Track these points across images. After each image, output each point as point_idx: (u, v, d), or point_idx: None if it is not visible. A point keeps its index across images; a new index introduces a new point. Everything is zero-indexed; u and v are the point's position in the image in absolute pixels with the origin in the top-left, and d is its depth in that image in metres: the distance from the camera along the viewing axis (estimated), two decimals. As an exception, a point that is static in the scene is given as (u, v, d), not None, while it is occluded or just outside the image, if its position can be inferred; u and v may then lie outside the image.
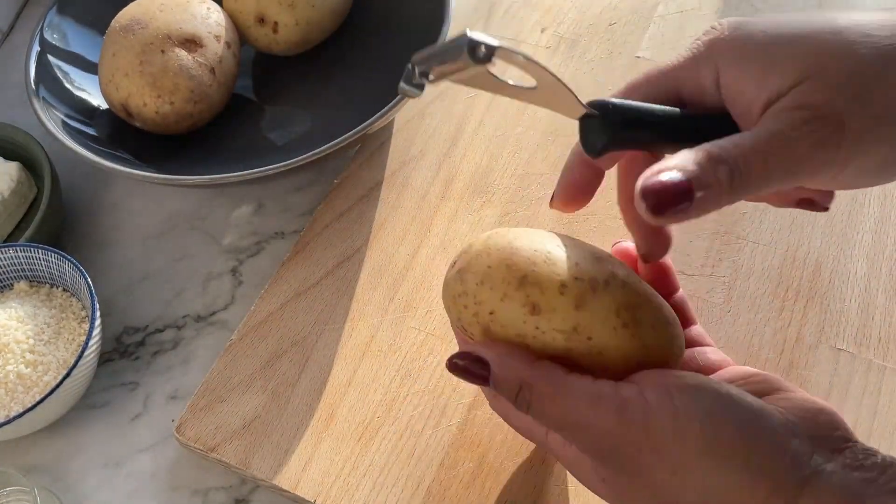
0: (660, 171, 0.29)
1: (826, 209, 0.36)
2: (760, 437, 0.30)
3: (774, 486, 0.29)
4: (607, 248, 0.42)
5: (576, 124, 0.34)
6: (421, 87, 0.30)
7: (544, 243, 0.34)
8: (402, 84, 0.30)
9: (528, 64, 0.29)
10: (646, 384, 0.31)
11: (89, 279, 0.48)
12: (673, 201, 0.29)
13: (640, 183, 0.29)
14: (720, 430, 0.29)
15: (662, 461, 0.30)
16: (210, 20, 0.56)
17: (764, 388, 0.33)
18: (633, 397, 0.31)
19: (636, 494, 0.32)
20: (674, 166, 0.29)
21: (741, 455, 0.29)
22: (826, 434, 0.31)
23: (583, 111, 0.33)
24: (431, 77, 0.29)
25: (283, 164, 0.49)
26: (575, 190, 0.37)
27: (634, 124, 0.33)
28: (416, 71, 0.30)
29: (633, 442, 0.30)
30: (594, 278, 0.33)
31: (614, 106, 0.33)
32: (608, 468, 0.32)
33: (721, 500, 0.30)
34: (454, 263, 0.35)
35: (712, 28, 0.33)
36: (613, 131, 0.33)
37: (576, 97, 0.32)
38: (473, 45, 0.28)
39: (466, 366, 0.33)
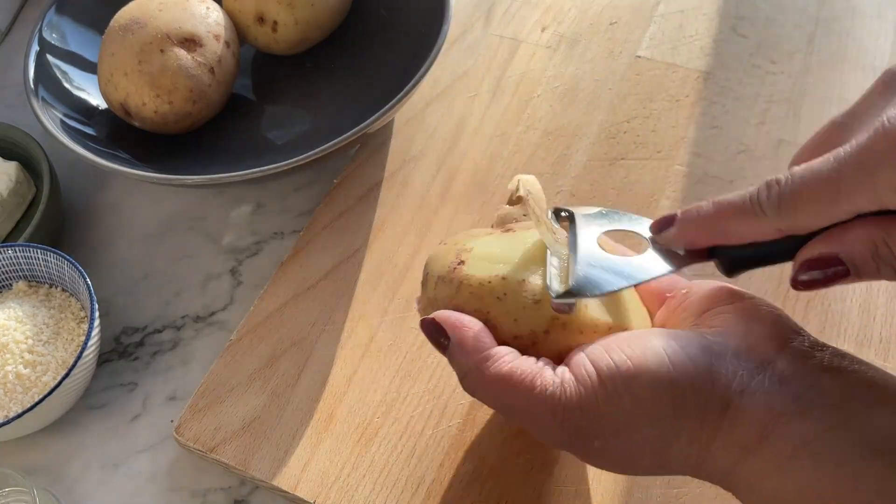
0: (822, 255, 0.31)
1: None
2: (677, 381, 0.31)
3: (701, 420, 0.31)
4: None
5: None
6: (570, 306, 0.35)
7: (483, 299, 0.35)
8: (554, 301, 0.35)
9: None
10: (574, 365, 0.33)
11: (88, 279, 0.48)
12: (825, 283, 0.31)
13: (800, 256, 0.31)
14: (643, 389, 0.31)
15: (604, 426, 0.32)
16: (209, 19, 0.55)
17: (705, 305, 0.35)
18: (565, 379, 0.33)
19: (594, 455, 0.34)
20: (839, 251, 0.30)
21: (666, 404, 0.31)
22: (758, 342, 0.32)
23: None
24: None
25: (282, 163, 0.49)
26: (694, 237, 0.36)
27: (746, 265, 0.34)
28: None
29: (572, 418, 0.32)
30: (533, 332, 0.35)
31: (727, 256, 0.34)
32: (562, 444, 0.34)
33: (660, 446, 0.32)
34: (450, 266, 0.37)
35: (878, 133, 0.29)
36: (730, 269, 0.35)
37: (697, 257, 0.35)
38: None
39: (431, 332, 0.36)
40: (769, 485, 0.30)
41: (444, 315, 0.35)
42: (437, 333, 0.36)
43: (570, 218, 0.38)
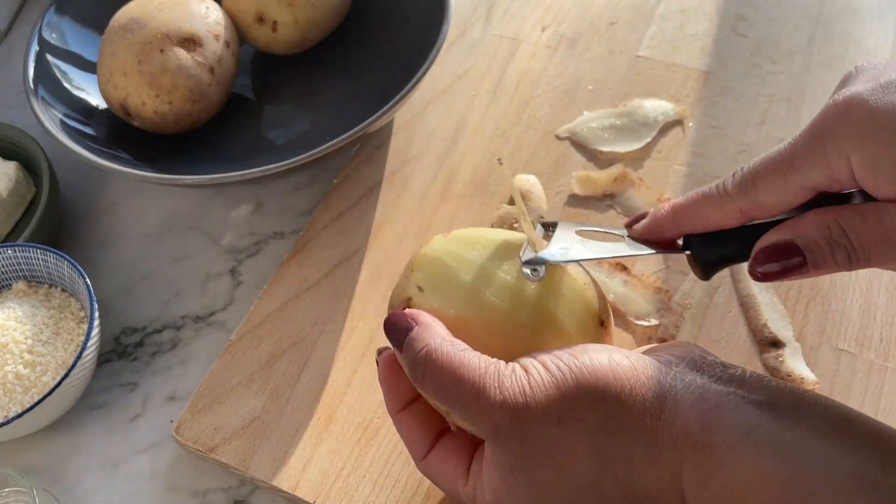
0: (778, 242, 0.32)
1: None
2: (621, 377, 0.31)
3: (641, 411, 0.31)
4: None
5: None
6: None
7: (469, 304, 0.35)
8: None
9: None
10: (531, 369, 0.32)
11: (88, 279, 0.48)
12: (782, 274, 0.32)
13: (757, 245, 0.33)
14: (598, 392, 0.31)
15: (561, 420, 0.31)
16: (209, 19, 0.55)
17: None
18: (530, 368, 0.32)
19: (527, 457, 0.32)
20: (793, 236, 0.32)
21: (612, 407, 0.31)
22: (683, 355, 0.33)
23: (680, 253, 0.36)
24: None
25: (282, 163, 0.49)
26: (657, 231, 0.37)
27: (722, 262, 0.35)
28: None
29: (529, 413, 0.31)
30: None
31: (697, 251, 0.35)
32: (502, 452, 0.32)
33: (605, 445, 0.31)
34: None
35: (828, 106, 0.31)
36: (703, 265, 0.36)
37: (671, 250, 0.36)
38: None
39: (399, 325, 0.34)
40: (719, 476, 0.30)
41: (416, 312, 0.35)
42: (405, 324, 0.34)
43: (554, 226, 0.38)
